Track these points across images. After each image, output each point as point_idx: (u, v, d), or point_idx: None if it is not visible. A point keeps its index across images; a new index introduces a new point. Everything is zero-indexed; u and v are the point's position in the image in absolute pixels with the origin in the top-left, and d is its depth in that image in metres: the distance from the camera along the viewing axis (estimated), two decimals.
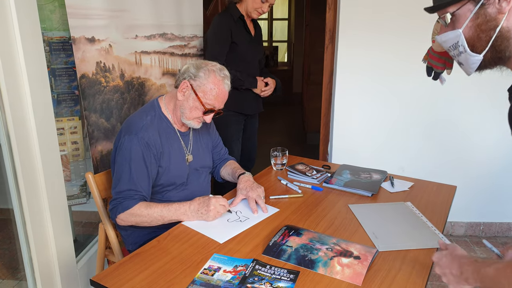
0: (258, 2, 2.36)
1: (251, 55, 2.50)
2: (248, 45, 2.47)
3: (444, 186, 1.81)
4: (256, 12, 2.41)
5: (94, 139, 1.90)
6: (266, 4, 2.37)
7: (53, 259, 1.79)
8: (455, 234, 2.96)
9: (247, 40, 2.46)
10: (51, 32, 1.91)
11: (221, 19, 2.41)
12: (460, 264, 0.99)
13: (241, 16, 2.41)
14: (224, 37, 2.38)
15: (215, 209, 1.44)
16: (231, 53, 2.42)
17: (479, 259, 0.96)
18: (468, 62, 0.98)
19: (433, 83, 2.66)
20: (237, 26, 2.41)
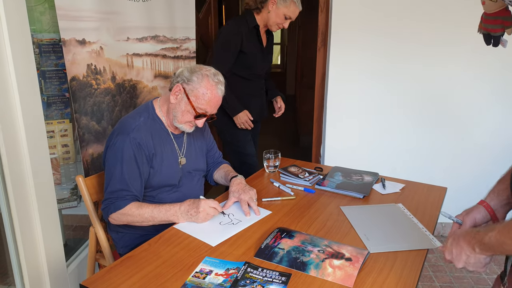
0: (282, 18, 2.32)
1: (259, 66, 2.46)
2: (257, 55, 2.43)
3: (435, 187, 1.82)
4: (277, 27, 2.38)
5: (85, 142, 1.88)
6: (289, 21, 2.34)
7: (42, 264, 1.76)
8: (446, 235, 2.98)
9: (257, 50, 2.42)
10: (41, 34, 1.89)
11: (234, 25, 2.36)
12: (467, 241, 0.97)
13: (256, 26, 2.37)
14: (233, 44, 2.33)
15: (205, 211, 1.44)
16: (237, 61, 2.38)
17: (480, 229, 0.95)
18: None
19: (428, 84, 2.69)
20: (250, 35, 2.37)
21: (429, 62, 2.67)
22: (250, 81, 2.47)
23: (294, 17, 2.35)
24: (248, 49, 2.37)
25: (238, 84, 2.41)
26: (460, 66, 2.66)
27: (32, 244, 1.70)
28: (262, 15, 2.36)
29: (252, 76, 2.46)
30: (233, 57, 2.36)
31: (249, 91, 2.49)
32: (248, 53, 2.37)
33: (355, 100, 2.78)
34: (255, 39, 2.40)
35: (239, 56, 2.37)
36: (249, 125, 2.46)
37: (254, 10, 2.37)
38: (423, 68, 2.68)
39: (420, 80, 2.72)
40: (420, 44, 2.64)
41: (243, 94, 2.45)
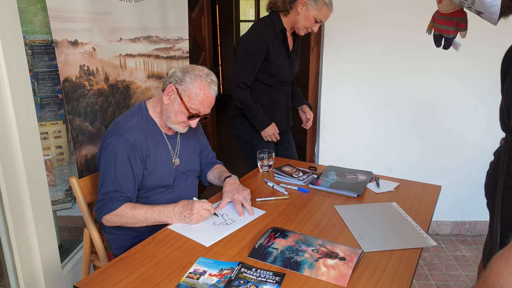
0: (312, 21, 2.13)
1: (284, 73, 2.28)
2: (283, 61, 2.25)
3: (429, 186, 1.83)
4: (305, 30, 2.19)
5: (78, 143, 1.87)
6: (319, 24, 2.15)
7: (37, 265, 1.76)
8: (441, 233, 3.00)
9: (283, 56, 2.24)
10: (33, 35, 1.88)
11: (259, 30, 2.19)
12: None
13: (283, 30, 2.19)
14: (258, 53, 2.17)
15: (198, 212, 1.44)
16: (262, 68, 2.22)
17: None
18: (485, 6, 0.87)
19: (422, 83, 2.70)
20: (276, 40, 2.20)
21: (422, 61, 2.68)
22: (275, 88, 2.30)
23: (325, 20, 2.17)
24: (274, 56, 2.20)
25: (262, 92, 2.28)
26: (452, 67, 2.67)
27: (26, 246, 1.70)
28: (290, 17, 2.17)
29: (278, 83, 2.29)
30: (257, 66, 2.21)
31: (274, 99, 2.32)
32: (273, 61, 2.20)
33: (349, 100, 2.78)
34: (281, 44, 2.23)
35: (263, 63, 2.21)
36: (276, 137, 2.33)
37: (282, 12, 2.17)
38: (416, 68, 2.69)
39: (414, 79, 2.73)
40: (414, 43, 2.65)
41: (268, 102, 2.30)
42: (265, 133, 2.31)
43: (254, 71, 2.21)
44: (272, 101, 2.32)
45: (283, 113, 2.39)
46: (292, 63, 2.32)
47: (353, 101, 2.79)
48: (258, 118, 2.27)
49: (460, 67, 2.66)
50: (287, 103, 2.42)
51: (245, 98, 2.25)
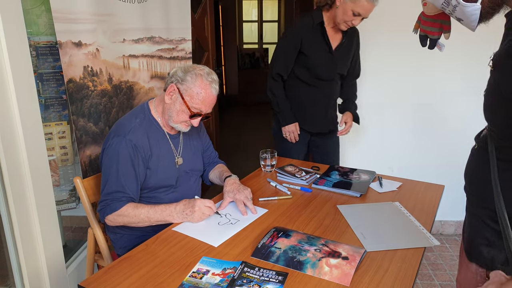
0: (349, 15, 2.06)
1: (323, 69, 2.22)
2: (321, 56, 2.20)
3: (432, 185, 1.83)
4: (345, 24, 2.11)
5: (82, 143, 1.88)
6: (359, 18, 2.07)
7: (42, 265, 1.77)
8: (445, 233, 2.99)
9: (322, 51, 2.20)
10: (37, 36, 1.89)
11: (297, 23, 2.21)
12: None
13: (321, 23, 2.15)
14: (291, 45, 2.18)
15: (200, 210, 1.45)
16: (299, 63, 2.22)
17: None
18: (466, 14, 0.89)
19: (425, 81, 2.70)
20: (314, 34, 2.17)
21: (425, 61, 2.68)
22: (312, 87, 2.26)
23: (366, 14, 2.05)
24: (309, 50, 2.17)
25: (298, 89, 2.27)
26: (454, 66, 2.66)
27: (31, 246, 1.71)
28: (332, 12, 2.13)
29: (315, 81, 2.24)
30: (291, 59, 2.20)
31: (310, 98, 2.28)
32: (309, 54, 2.17)
33: None
34: (320, 38, 2.18)
35: (299, 57, 2.19)
36: (295, 137, 2.32)
37: (324, 7, 2.14)
38: (419, 67, 2.69)
39: (416, 79, 2.72)
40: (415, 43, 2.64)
41: (302, 100, 2.29)
42: (285, 130, 2.32)
43: (287, 62, 2.22)
44: (307, 99, 2.29)
45: (319, 115, 2.33)
46: (335, 60, 2.23)
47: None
48: (283, 113, 2.28)
49: (463, 66, 2.65)
50: (328, 104, 2.34)
51: (276, 90, 2.28)
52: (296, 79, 2.27)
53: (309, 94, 2.28)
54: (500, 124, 1.05)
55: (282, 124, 2.31)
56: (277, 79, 2.27)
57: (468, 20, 0.90)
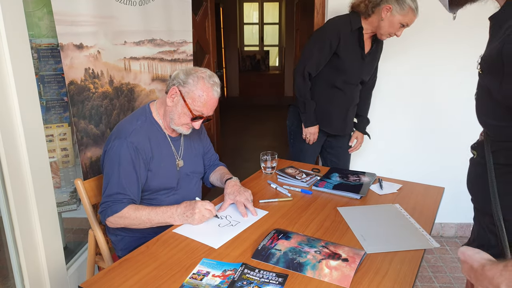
0: (396, 27, 2.08)
1: (354, 74, 2.24)
2: (354, 60, 2.20)
3: (432, 187, 1.83)
4: (388, 36, 2.15)
5: (83, 145, 1.89)
6: (403, 29, 2.10)
7: (42, 267, 1.77)
8: (446, 235, 2.99)
9: (355, 55, 2.20)
10: (39, 39, 1.91)
11: (336, 22, 2.18)
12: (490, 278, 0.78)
13: (360, 28, 2.16)
14: (328, 43, 2.15)
15: (200, 212, 1.45)
16: (330, 64, 2.20)
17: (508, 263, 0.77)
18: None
19: (424, 84, 2.70)
20: (351, 38, 2.16)
21: (428, 63, 2.68)
22: (338, 90, 2.26)
23: (411, 24, 2.10)
24: (344, 52, 2.16)
25: (323, 91, 2.27)
26: (455, 68, 2.67)
27: (32, 247, 1.71)
28: (371, 21, 2.13)
29: (342, 84, 2.24)
30: (324, 58, 2.18)
31: (334, 101, 2.28)
32: (343, 58, 2.16)
33: None
34: (356, 43, 2.18)
35: (332, 59, 2.18)
36: (313, 139, 2.34)
37: (363, 15, 2.14)
38: (420, 70, 2.69)
39: (417, 81, 2.73)
40: (416, 45, 2.65)
41: (325, 103, 2.29)
42: (307, 131, 2.32)
43: (320, 61, 2.19)
44: (330, 101, 2.29)
45: (340, 118, 2.34)
46: (364, 66, 2.25)
47: None
48: (307, 114, 2.28)
49: (464, 68, 2.65)
50: (349, 109, 2.34)
51: (303, 90, 2.27)
52: (322, 81, 2.26)
53: (333, 96, 2.27)
54: (494, 126, 1.07)
55: (305, 126, 2.32)
56: (307, 78, 2.25)
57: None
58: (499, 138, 1.07)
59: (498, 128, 1.04)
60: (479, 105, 1.13)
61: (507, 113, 0.95)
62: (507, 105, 0.94)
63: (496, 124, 1.03)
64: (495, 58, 0.95)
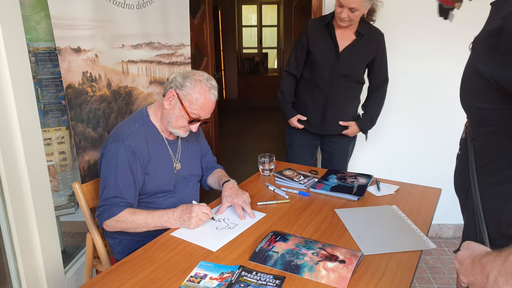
0: (338, 10, 2.07)
1: (327, 69, 2.20)
2: (327, 56, 2.19)
3: (429, 189, 1.83)
4: (341, 21, 2.09)
5: (81, 149, 1.89)
6: (343, 10, 2.03)
7: (40, 271, 1.77)
8: (444, 236, 2.99)
9: (327, 51, 2.19)
10: (37, 42, 1.91)
11: (308, 21, 2.28)
12: (482, 266, 0.76)
13: (329, 22, 2.17)
14: (300, 42, 2.26)
15: (197, 216, 1.45)
16: (308, 62, 2.26)
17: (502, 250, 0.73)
18: None
19: (422, 86, 2.71)
20: (322, 33, 2.19)
21: (427, 65, 2.69)
22: (313, 87, 2.27)
23: (346, 3, 2.01)
24: (315, 48, 2.20)
25: (304, 89, 2.35)
26: (454, 70, 2.67)
27: (30, 251, 1.71)
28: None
29: (320, 81, 2.23)
30: (300, 56, 2.26)
31: (311, 97, 2.30)
32: (315, 53, 2.20)
33: None
34: (328, 37, 2.18)
35: (308, 56, 2.25)
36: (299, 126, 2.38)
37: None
38: (419, 71, 2.70)
39: (415, 83, 2.74)
40: (414, 47, 2.66)
41: (305, 99, 2.34)
42: (290, 122, 2.42)
43: (297, 60, 2.31)
44: (308, 98, 2.33)
45: (316, 114, 2.33)
46: (340, 61, 2.19)
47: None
48: (284, 111, 2.42)
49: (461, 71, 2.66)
50: (327, 106, 2.29)
51: (284, 86, 2.41)
52: (303, 77, 2.34)
53: (311, 92, 2.30)
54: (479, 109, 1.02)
55: (286, 119, 2.43)
56: (286, 76, 2.38)
57: None
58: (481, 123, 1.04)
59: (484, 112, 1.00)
60: (465, 86, 1.10)
61: (497, 94, 0.91)
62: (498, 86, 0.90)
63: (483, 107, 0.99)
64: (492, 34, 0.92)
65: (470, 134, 1.11)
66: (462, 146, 1.19)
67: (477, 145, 1.07)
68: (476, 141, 1.07)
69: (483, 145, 1.05)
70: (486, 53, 0.95)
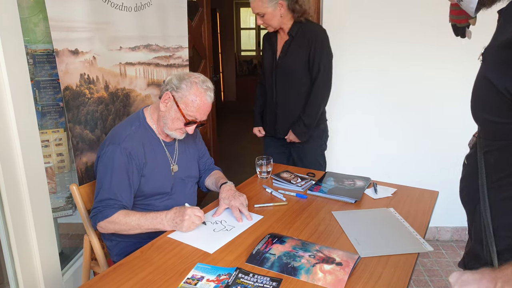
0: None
1: (268, 71, 2.39)
2: (268, 58, 2.38)
3: (427, 191, 1.84)
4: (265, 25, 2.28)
5: (78, 150, 1.89)
6: (257, 17, 2.27)
7: (38, 273, 1.77)
8: (442, 239, 2.99)
9: (269, 53, 2.37)
10: (35, 44, 1.91)
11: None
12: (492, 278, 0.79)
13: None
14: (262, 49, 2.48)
15: (190, 219, 1.44)
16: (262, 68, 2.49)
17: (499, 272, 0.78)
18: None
19: (421, 88, 2.72)
20: (268, 39, 2.39)
21: (422, 66, 2.70)
22: (267, 91, 2.45)
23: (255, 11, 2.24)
24: (263, 54, 2.44)
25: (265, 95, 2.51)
26: (450, 73, 2.68)
27: (27, 253, 1.71)
28: None
29: (267, 85, 2.43)
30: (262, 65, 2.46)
31: (266, 102, 2.50)
32: (264, 57, 2.43)
33: (347, 106, 2.80)
34: (272, 42, 2.36)
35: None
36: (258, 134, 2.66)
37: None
38: (415, 74, 2.71)
39: (412, 85, 2.75)
40: (412, 46, 2.67)
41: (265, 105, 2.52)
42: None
43: (262, 68, 2.47)
44: (266, 103, 2.51)
45: (269, 118, 2.50)
46: (278, 62, 2.30)
47: (350, 107, 2.80)
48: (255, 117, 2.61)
49: (458, 72, 2.67)
50: (276, 110, 2.39)
51: (257, 94, 2.58)
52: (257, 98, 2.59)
53: (266, 98, 2.48)
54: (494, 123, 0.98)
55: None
56: (258, 85, 2.58)
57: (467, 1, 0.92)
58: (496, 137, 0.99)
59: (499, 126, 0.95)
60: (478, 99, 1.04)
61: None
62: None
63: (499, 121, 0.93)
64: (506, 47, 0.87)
65: (482, 147, 1.06)
66: (471, 158, 1.14)
67: (491, 159, 1.02)
68: (490, 155, 1.03)
69: (497, 159, 1.00)
70: (500, 65, 0.90)
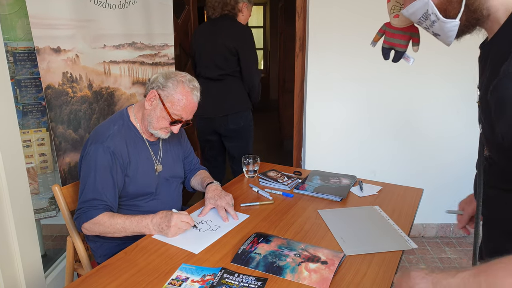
0: None
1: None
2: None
3: (411, 189, 1.85)
4: None
5: (61, 150, 1.86)
6: None
7: (19, 276, 1.73)
8: (427, 236, 3.03)
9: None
10: (15, 42, 1.87)
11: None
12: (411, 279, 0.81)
13: None
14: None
15: (176, 225, 1.40)
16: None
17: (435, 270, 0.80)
18: (444, 30, 0.89)
19: (405, 88, 2.74)
20: None
21: (408, 67, 2.71)
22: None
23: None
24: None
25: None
26: (434, 71, 2.71)
27: (8, 257, 1.67)
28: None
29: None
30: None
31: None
32: None
33: (335, 105, 2.81)
34: None
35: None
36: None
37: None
38: (401, 73, 2.73)
39: (398, 85, 2.76)
40: None
41: None
42: None
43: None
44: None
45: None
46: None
47: (339, 106, 2.81)
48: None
49: (442, 71, 2.70)
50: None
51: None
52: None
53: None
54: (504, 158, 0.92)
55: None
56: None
57: (445, 35, 0.91)
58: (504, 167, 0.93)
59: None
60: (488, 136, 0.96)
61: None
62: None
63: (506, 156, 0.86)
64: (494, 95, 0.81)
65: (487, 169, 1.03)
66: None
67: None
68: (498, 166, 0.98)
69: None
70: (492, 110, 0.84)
